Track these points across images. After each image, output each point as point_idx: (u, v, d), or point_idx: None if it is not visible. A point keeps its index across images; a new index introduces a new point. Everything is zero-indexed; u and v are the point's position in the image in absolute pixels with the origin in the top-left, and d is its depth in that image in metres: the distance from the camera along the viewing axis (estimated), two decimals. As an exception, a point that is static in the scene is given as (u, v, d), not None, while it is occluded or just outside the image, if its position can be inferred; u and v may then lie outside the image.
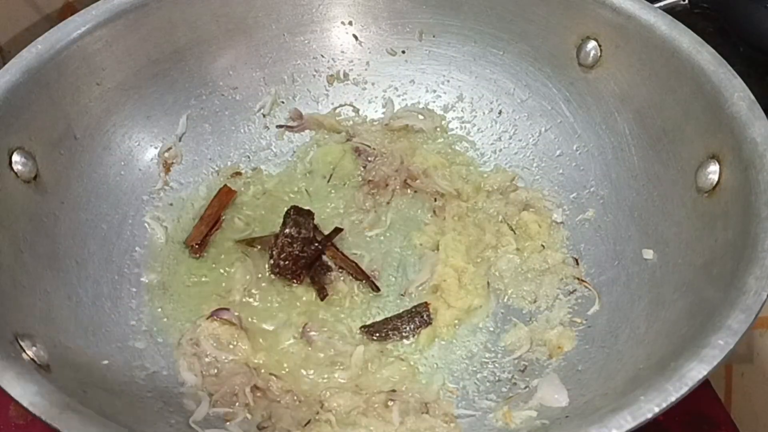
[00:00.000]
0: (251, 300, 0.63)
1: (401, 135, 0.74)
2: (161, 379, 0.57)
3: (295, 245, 0.63)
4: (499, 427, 0.54)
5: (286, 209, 0.65)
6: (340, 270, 0.65)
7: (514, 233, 0.67)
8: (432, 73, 0.76)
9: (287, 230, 0.63)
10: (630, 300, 0.59)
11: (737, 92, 0.55)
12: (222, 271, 0.65)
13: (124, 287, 0.62)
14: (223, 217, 0.68)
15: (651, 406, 0.41)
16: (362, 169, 0.72)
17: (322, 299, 0.63)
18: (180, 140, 0.71)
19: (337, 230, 0.67)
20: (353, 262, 0.65)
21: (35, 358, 0.46)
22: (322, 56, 0.76)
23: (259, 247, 0.66)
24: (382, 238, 0.68)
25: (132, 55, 0.66)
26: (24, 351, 0.46)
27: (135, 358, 0.57)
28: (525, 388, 0.57)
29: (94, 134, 0.65)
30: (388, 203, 0.70)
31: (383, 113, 0.76)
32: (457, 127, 0.75)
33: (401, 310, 0.62)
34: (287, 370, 0.59)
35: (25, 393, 0.41)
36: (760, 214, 0.49)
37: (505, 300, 0.64)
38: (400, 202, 0.70)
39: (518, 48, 0.71)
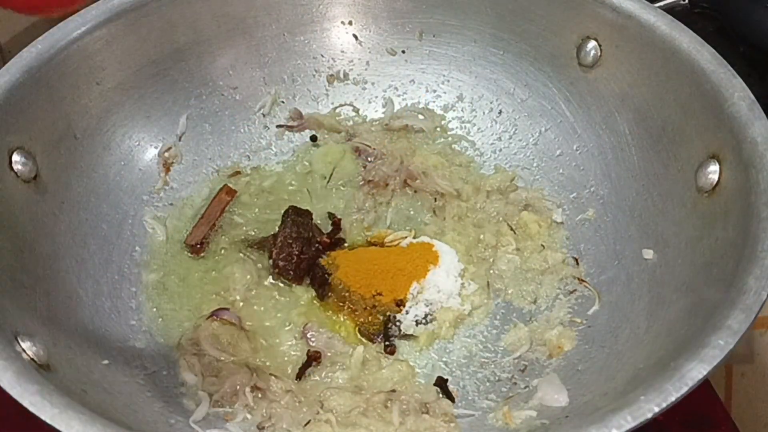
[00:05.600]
0: (251, 300, 0.63)
1: (401, 135, 0.74)
2: (161, 380, 0.57)
3: (294, 245, 0.63)
4: (499, 427, 0.54)
5: (285, 209, 0.66)
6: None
7: (514, 233, 0.67)
8: (432, 72, 0.76)
9: (286, 231, 0.64)
10: (630, 300, 0.59)
11: (737, 92, 0.55)
12: (222, 271, 0.64)
13: (124, 287, 0.62)
14: (223, 217, 0.68)
15: (651, 406, 0.41)
16: (362, 169, 0.72)
17: (321, 299, 0.63)
18: (180, 140, 0.71)
19: (337, 229, 0.68)
20: (353, 262, 0.65)
21: (35, 358, 0.46)
22: (322, 56, 0.76)
23: (258, 247, 0.66)
24: (382, 238, 0.68)
25: (132, 55, 0.66)
26: (24, 351, 0.46)
27: (135, 358, 0.57)
28: (525, 388, 0.57)
29: (94, 134, 0.65)
30: (388, 203, 0.70)
31: (383, 113, 0.76)
32: (457, 127, 0.75)
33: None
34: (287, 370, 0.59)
35: (25, 393, 0.41)
36: (760, 214, 0.49)
37: (505, 300, 0.64)
38: (400, 202, 0.70)
39: (518, 48, 0.71)
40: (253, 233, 0.68)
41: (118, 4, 0.65)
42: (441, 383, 0.58)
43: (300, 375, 0.58)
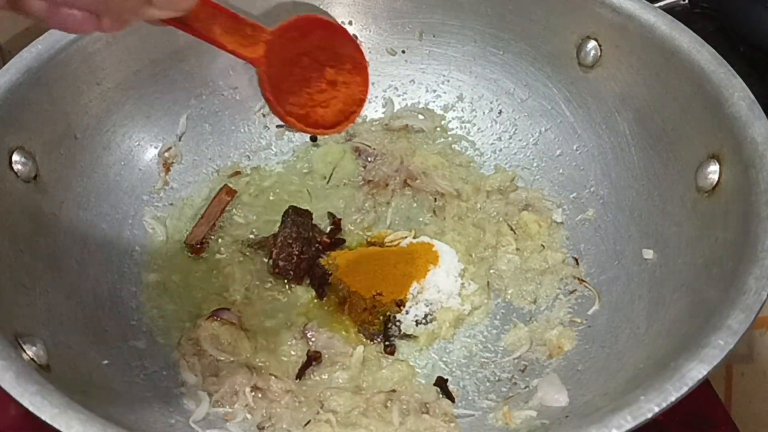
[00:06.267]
0: (251, 300, 0.63)
1: (401, 135, 0.74)
2: (161, 380, 0.57)
3: (294, 246, 0.63)
4: (499, 427, 0.54)
5: (285, 209, 0.65)
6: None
7: (514, 233, 0.67)
8: (432, 72, 0.76)
9: (286, 231, 0.64)
10: (630, 300, 0.59)
11: (737, 92, 0.55)
12: (222, 270, 0.65)
13: (124, 287, 0.62)
14: (223, 217, 0.68)
15: (651, 406, 0.41)
16: (362, 169, 0.72)
17: (321, 299, 0.63)
18: (180, 140, 0.71)
19: (337, 229, 0.68)
20: (353, 262, 0.65)
21: (35, 358, 0.46)
22: (322, 56, 0.76)
23: (258, 247, 0.66)
24: (382, 238, 0.68)
25: (132, 55, 0.66)
26: (24, 351, 0.46)
27: (135, 358, 0.57)
28: (525, 387, 0.57)
29: (94, 134, 0.65)
30: (388, 203, 0.70)
31: (383, 113, 0.76)
32: (457, 127, 0.75)
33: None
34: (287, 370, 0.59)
35: (25, 393, 0.41)
36: (760, 214, 0.49)
37: (505, 300, 0.64)
38: (400, 202, 0.70)
39: (518, 48, 0.71)
40: (253, 233, 0.68)
41: (118, 4, 0.65)
42: (441, 383, 0.58)
43: (300, 375, 0.58)
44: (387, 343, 0.60)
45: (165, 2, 0.39)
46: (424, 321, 0.61)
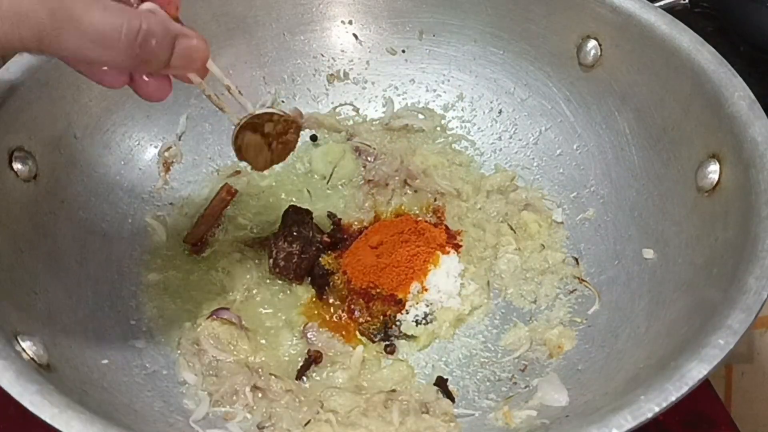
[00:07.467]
0: (251, 300, 0.63)
1: (401, 134, 0.74)
2: (161, 379, 0.57)
3: (294, 245, 0.63)
4: (499, 427, 0.54)
5: (285, 209, 0.65)
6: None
7: (514, 233, 0.67)
8: (432, 72, 0.76)
9: (286, 230, 0.64)
10: (630, 299, 0.59)
11: (737, 91, 0.55)
12: (222, 270, 0.65)
13: (124, 287, 0.62)
14: (223, 217, 0.68)
15: (651, 406, 0.41)
16: (362, 168, 0.72)
17: (321, 299, 0.63)
18: (180, 139, 0.71)
19: (337, 229, 0.68)
20: (353, 261, 0.65)
21: (35, 358, 0.46)
22: (322, 55, 0.76)
23: (258, 247, 0.66)
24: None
25: (132, 55, 0.66)
26: (24, 351, 0.46)
27: (135, 357, 0.57)
28: (525, 387, 0.57)
29: (94, 133, 0.65)
30: (388, 203, 0.70)
31: (383, 113, 0.76)
32: (457, 127, 0.75)
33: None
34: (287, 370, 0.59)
35: (25, 393, 0.41)
36: (760, 214, 0.49)
37: (505, 300, 0.64)
38: (400, 202, 0.70)
39: (518, 47, 0.71)
40: (253, 233, 0.68)
41: (118, 3, 0.65)
42: (441, 383, 0.58)
43: (300, 375, 0.58)
44: (387, 343, 0.60)
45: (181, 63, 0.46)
46: (424, 321, 0.61)
